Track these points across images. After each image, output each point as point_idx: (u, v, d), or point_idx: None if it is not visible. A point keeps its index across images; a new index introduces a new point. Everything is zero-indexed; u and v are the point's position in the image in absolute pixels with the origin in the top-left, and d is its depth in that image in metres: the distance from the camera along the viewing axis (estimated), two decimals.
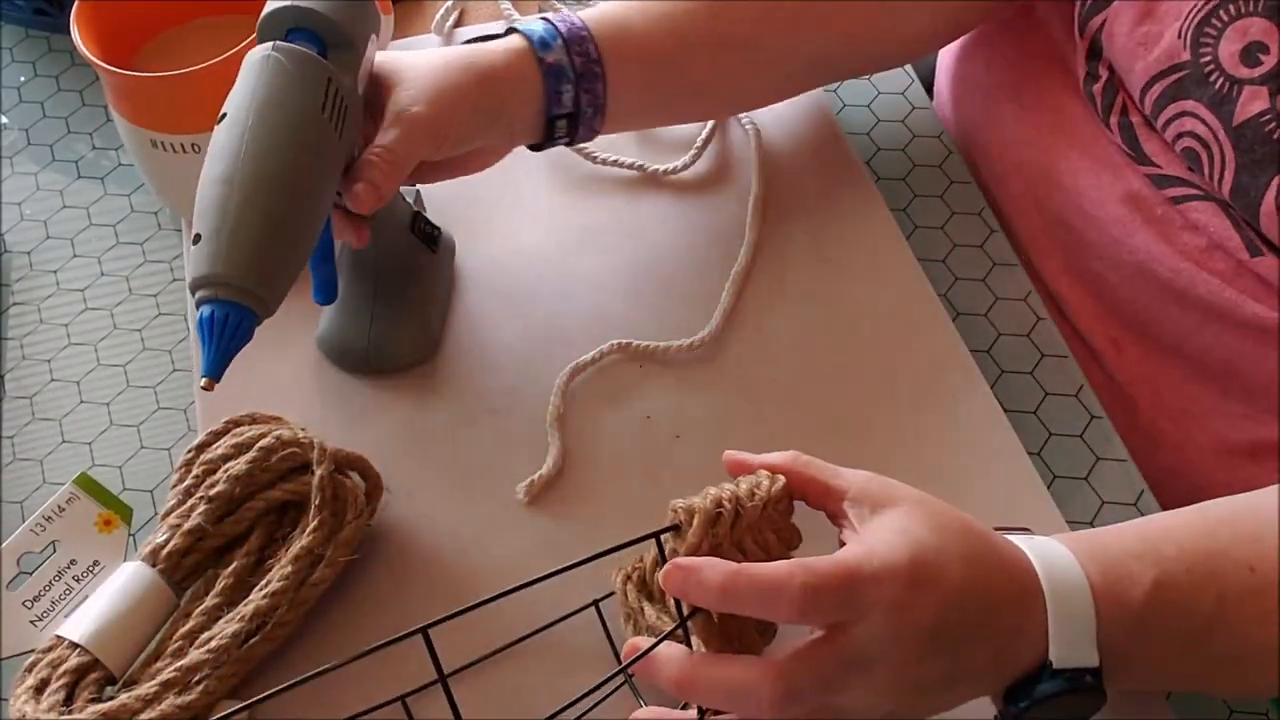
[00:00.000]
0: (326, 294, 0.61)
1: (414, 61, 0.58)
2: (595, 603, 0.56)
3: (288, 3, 0.54)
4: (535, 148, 0.65)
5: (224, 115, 0.53)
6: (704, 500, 0.47)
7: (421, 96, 0.56)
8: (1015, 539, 0.49)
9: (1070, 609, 0.46)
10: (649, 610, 0.52)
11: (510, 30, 0.62)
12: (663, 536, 0.47)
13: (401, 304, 0.65)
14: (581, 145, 0.71)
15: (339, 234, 0.59)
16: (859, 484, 0.48)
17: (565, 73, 0.60)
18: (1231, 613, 0.47)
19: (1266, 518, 0.49)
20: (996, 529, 0.49)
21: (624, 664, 0.47)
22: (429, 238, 0.66)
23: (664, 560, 0.47)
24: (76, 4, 0.66)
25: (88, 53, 0.64)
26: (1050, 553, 0.48)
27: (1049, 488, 0.61)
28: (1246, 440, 0.65)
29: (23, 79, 0.83)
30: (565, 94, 0.61)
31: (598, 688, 0.45)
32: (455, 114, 0.57)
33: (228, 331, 0.50)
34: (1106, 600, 0.46)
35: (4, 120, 0.81)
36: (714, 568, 0.45)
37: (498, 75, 0.59)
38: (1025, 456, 0.62)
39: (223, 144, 0.51)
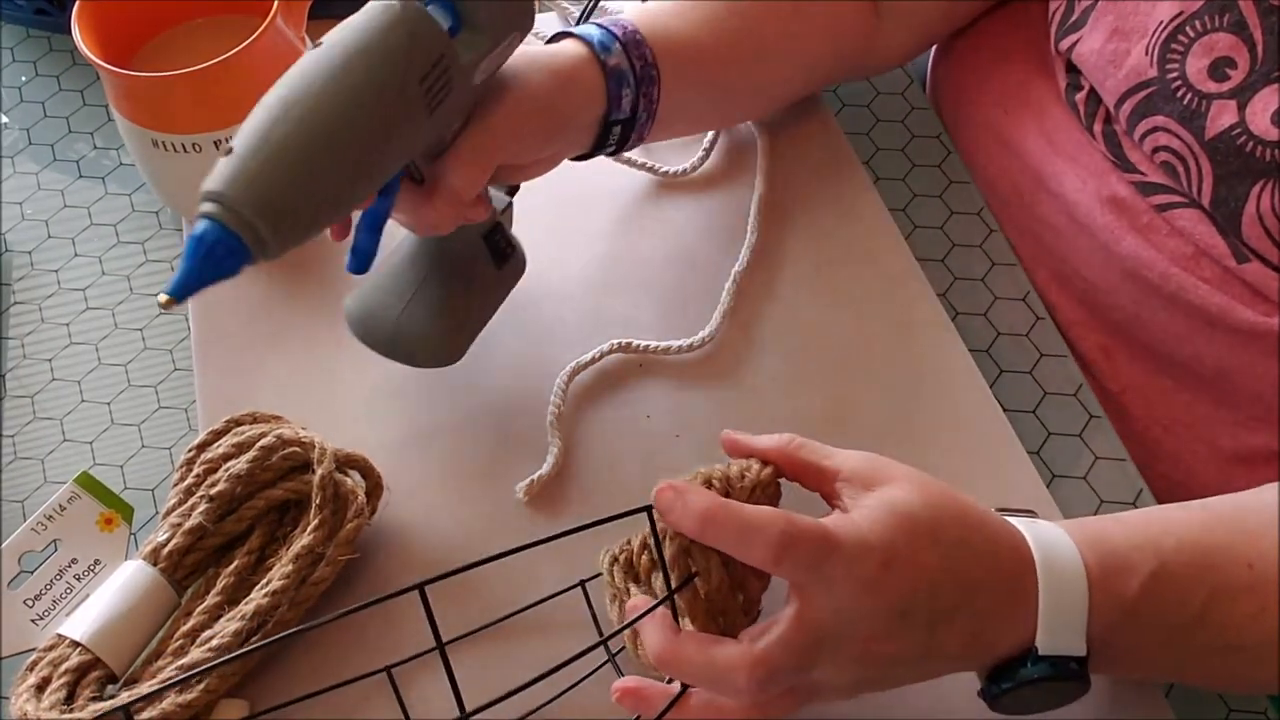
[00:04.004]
0: (360, 264, 0.56)
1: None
2: (582, 583, 0.57)
3: None
4: (579, 158, 0.64)
5: (320, 43, 0.48)
6: (692, 478, 0.48)
7: (521, 87, 0.55)
8: (1018, 522, 0.49)
9: (1064, 597, 0.47)
10: (634, 592, 0.53)
11: (562, 34, 0.61)
12: (653, 511, 0.48)
13: (441, 305, 0.62)
14: None
15: (412, 216, 0.56)
16: (851, 464, 0.49)
17: (626, 76, 0.60)
18: (1224, 608, 0.47)
19: (1268, 515, 0.50)
20: (999, 510, 0.50)
21: (611, 633, 0.49)
22: (499, 253, 0.63)
23: (656, 540, 0.48)
24: (77, 4, 0.66)
25: (89, 52, 0.65)
26: (1051, 540, 0.48)
27: (1048, 486, 0.61)
28: (1241, 448, 0.65)
29: (24, 79, 0.83)
30: (626, 98, 0.60)
31: (582, 654, 0.46)
32: (532, 117, 0.56)
33: (214, 258, 0.45)
34: (1101, 590, 0.47)
35: (5, 120, 0.81)
36: (701, 494, 0.46)
37: (568, 77, 0.58)
38: (1024, 455, 0.62)
39: (300, 68, 0.47)
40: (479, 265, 0.63)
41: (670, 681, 0.50)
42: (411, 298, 0.61)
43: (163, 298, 0.44)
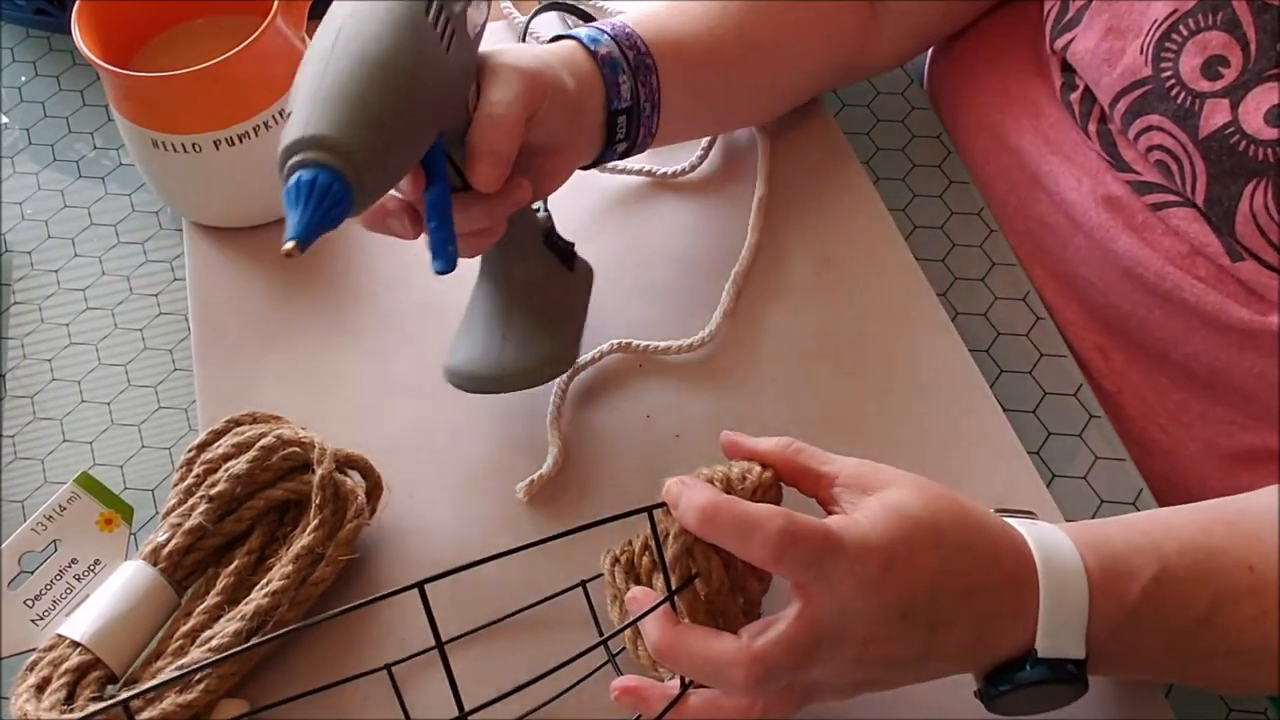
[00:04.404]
0: (446, 259, 0.53)
1: (503, 44, 0.57)
2: (583, 583, 0.57)
3: None
4: (589, 165, 0.64)
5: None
6: (694, 477, 0.48)
7: (521, 56, 0.55)
8: (1018, 524, 0.49)
9: (1064, 600, 0.46)
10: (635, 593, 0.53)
11: (555, 39, 0.62)
12: (655, 512, 0.48)
13: (534, 318, 0.61)
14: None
15: (466, 224, 0.55)
16: (848, 470, 0.49)
17: (619, 64, 0.61)
18: (1226, 611, 0.47)
19: (1268, 517, 0.49)
20: (999, 510, 0.50)
21: (612, 632, 0.49)
22: (564, 253, 0.63)
23: (656, 541, 0.48)
24: (77, 4, 0.66)
25: (89, 52, 0.65)
26: (1052, 542, 0.48)
27: (1048, 486, 0.61)
28: (1237, 447, 0.65)
29: (24, 79, 0.83)
30: (623, 85, 0.61)
31: (581, 654, 0.47)
32: (548, 75, 0.56)
33: (325, 197, 0.45)
34: (1102, 594, 0.47)
35: (5, 120, 0.81)
36: (704, 488, 0.46)
37: (567, 62, 0.59)
38: (1024, 455, 0.62)
39: (318, 37, 0.49)
40: (551, 271, 0.63)
41: (671, 678, 0.50)
42: (505, 330, 0.61)
43: (289, 244, 0.44)
